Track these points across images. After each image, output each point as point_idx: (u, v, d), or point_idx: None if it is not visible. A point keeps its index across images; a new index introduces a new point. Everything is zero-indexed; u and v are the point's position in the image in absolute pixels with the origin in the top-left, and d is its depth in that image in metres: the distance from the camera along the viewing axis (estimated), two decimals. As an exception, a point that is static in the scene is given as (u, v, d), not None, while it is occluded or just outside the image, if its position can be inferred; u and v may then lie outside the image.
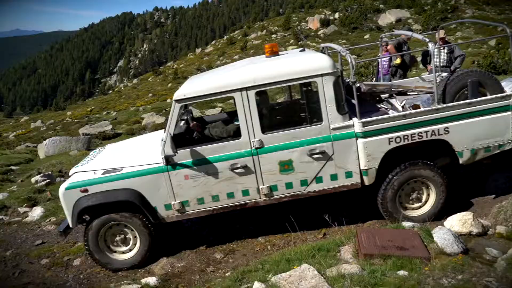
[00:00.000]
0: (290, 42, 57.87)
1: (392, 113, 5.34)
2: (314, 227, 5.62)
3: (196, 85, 5.25)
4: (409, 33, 6.72)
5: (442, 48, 8.97)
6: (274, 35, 64.66)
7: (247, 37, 68.00)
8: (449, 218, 4.74)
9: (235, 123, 5.64)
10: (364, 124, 4.96)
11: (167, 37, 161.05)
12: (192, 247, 5.69)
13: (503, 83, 5.79)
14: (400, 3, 65.65)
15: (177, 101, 5.07)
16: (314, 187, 5.19)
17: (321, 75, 4.90)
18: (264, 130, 5.04)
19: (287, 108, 6.61)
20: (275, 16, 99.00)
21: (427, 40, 5.30)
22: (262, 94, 5.37)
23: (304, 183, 5.15)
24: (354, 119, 5.03)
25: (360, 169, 5.12)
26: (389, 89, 6.41)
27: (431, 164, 5.20)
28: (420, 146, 5.21)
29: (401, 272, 3.64)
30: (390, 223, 5.16)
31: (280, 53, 5.60)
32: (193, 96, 5.10)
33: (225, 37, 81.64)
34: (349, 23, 58.84)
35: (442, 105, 5.07)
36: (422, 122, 5.01)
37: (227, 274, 4.86)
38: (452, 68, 9.02)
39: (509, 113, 5.06)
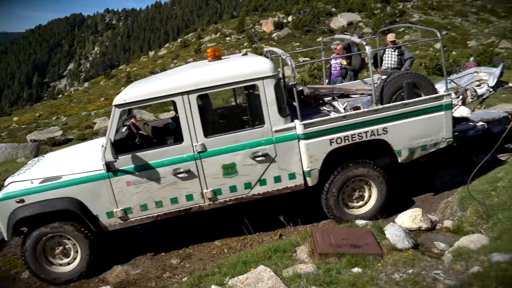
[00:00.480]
0: (244, 44, 58.14)
1: (333, 115, 5.45)
2: (270, 228, 5.64)
3: (137, 90, 5.12)
4: (347, 36, 6.90)
5: (392, 50, 9.24)
6: (228, 38, 64.76)
7: (201, 40, 67.78)
8: (400, 215, 4.89)
9: (170, 127, 5.59)
10: (306, 126, 5.00)
11: (119, 39, 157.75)
12: (148, 253, 5.58)
13: (437, 85, 6.05)
14: (351, 7, 67.39)
15: (117, 106, 4.91)
16: (258, 189, 5.17)
17: (262, 78, 4.91)
18: (207, 134, 4.98)
19: (230, 111, 6.58)
20: (229, 19, 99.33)
21: (364, 43, 5.47)
22: (204, 98, 5.34)
23: (248, 186, 5.13)
24: (296, 121, 5.05)
25: (303, 171, 5.15)
26: (332, 91, 6.53)
27: (371, 163, 5.30)
28: (361, 146, 5.31)
29: (355, 269, 3.71)
30: (336, 223, 5.29)
31: (223, 57, 5.58)
32: (133, 101, 4.96)
33: (179, 40, 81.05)
34: (302, 26, 59.82)
35: (380, 106, 5.19)
36: (362, 123, 5.11)
37: (183, 280, 4.79)
38: (402, 70, 9.31)
39: (442, 112, 5.25)
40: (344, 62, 9.25)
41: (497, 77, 6.41)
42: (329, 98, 6.49)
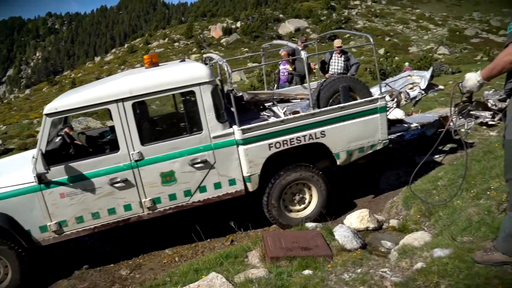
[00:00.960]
0: (193, 50, 57.80)
1: (271, 120, 5.49)
2: (221, 234, 5.61)
3: (69, 98, 4.91)
4: (284, 42, 7.03)
5: (339, 56, 9.49)
6: (176, 43, 64.12)
7: (149, 45, 66.66)
8: (348, 216, 5.02)
9: (106, 135, 5.45)
10: (244, 131, 4.99)
11: (63, 44, 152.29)
12: (96, 265, 5.39)
13: (373, 89, 6.27)
14: (298, 13, 68.66)
15: (48, 115, 4.71)
16: (198, 196, 5.12)
17: (199, 84, 4.88)
18: (144, 141, 4.88)
19: (168, 118, 6.51)
20: (177, 24, 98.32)
21: (300, 48, 5.59)
22: (140, 105, 5.19)
23: (187, 193, 5.07)
24: (234, 126, 5.04)
25: (243, 176, 5.14)
26: (272, 97, 6.61)
27: (309, 166, 5.35)
28: (301, 150, 5.36)
29: (306, 272, 3.76)
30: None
31: (160, 64, 5.48)
32: (65, 110, 4.77)
33: (126, 45, 79.26)
34: (250, 32, 60.24)
35: (317, 110, 5.26)
36: (300, 127, 5.16)
37: (134, 290, 4.68)
38: (348, 75, 9.57)
39: (377, 115, 5.39)
40: (290, 68, 9.39)
41: (427, 80, 6.70)
42: (270, 103, 6.55)
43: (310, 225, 4.97)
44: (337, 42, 9.61)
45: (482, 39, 55.52)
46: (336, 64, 9.56)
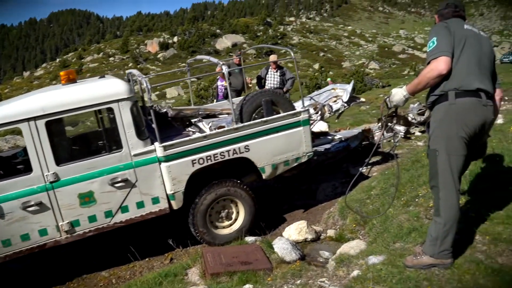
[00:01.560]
0: (129, 65, 56.69)
1: (194, 136, 5.35)
2: (160, 252, 5.47)
3: None
4: (207, 57, 6.92)
5: (275, 71, 9.68)
6: (111, 58, 62.68)
7: (83, 60, 64.65)
8: (287, 228, 5.08)
9: (19, 156, 5.13)
10: (166, 148, 4.82)
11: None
12: (25, 292, 5.06)
13: (297, 103, 6.43)
14: (235, 28, 69.56)
15: None
16: (121, 217, 4.86)
17: (117, 100, 4.66)
18: (59, 162, 4.56)
19: (85, 137, 6.22)
20: (112, 38, 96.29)
21: (221, 63, 5.57)
22: (55, 123, 4.83)
23: (108, 214, 4.80)
24: (156, 143, 4.86)
25: (166, 194, 4.96)
26: (197, 112, 6.47)
27: (235, 181, 5.25)
28: (227, 165, 5.26)
29: (246, 286, 3.75)
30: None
31: (79, 80, 5.21)
32: None
33: (58, 60, 76.24)
34: (188, 47, 60.19)
35: (240, 125, 5.17)
36: (223, 142, 5.06)
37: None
38: (284, 89, 9.79)
39: (301, 128, 5.37)
40: (225, 83, 9.46)
41: (349, 93, 6.91)
42: (197, 119, 6.48)
43: (249, 239, 4.97)
44: (272, 57, 9.80)
45: (409, 55, 59.13)
46: (272, 79, 9.74)
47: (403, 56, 58.40)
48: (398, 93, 3.08)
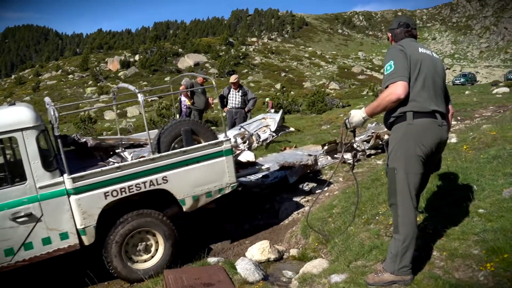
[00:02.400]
0: (89, 83, 55.68)
1: (106, 167, 5.03)
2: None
3: None
4: (126, 85, 6.54)
5: (236, 91, 9.76)
6: (71, 76, 61.33)
7: (40, 77, 62.91)
8: (250, 249, 5.05)
9: None
10: (75, 180, 4.50)
11: None
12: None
13: (231, 131, 6.40)
14: (197, 48, 69.74)
15: None
16: (23, 255, 4.45)
17: (21, 129, 4.36)
18: None
19: None
20: (71, 55, 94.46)
21: (137, 91, 5.27)
22: None
23: (9, 252, 4.39)
24: (65, 175, 4.54)
25: (76, 229, 4.61)
26: (120, 142, 6.29)
27: (153, 213, 4.96)
28: (148, 197, 5.03)
29: (209, 308, 3.69)
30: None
31: None
32: None
33: (13, 76, 73.81)
34: (149, 65, 59.74)
35: (157, 155, 4.93)
36: (139, 173, 4.80)
37: None
38: (246, 109, 9.87)
39: (223, 158, 5.21)
40: (188, 102, 9.45)
41: (277, 122, 6.88)
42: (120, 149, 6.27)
43: (212, 259, 4.91)
44: (233, 78, 9.89)
45: (367, 76, 60.97)
46: (234, 98, 9.82)
47: (362, 77, 60.13)
48: (357, 115, 3.18)
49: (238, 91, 9.80)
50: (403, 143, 2.96)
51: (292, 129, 7.68)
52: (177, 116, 11.08)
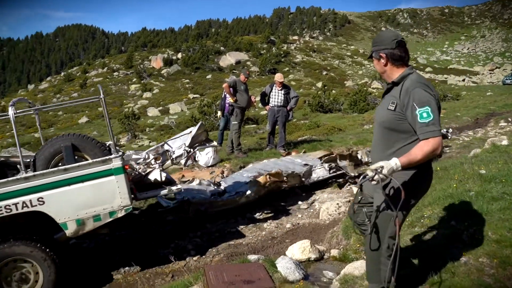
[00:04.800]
0: (133, 80, 57.06)
1: None
2: (160, 264, 5.41)
3: None
4: (24, 99, 6.08)
5: (279, 89, 9.75)
6: (116, 73, 63.09)
7: (87, 74, 65.04)
8: (290, 247, 5.01)
9: None
10: None
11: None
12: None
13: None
14: (239, 46, 70.07)
15: None
16: None
17: None
18: None
19: None
20: (117, 53, 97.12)
21: (35, 107, 4.87)
22: None
23: None
24: None
25: None
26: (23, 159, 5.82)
27: (27, 239, 4.43)
28: (29, 220, 4.60)
29: (249, 305, 3.70)
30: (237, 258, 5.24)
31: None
32: None
33: (63, 74, 76.78)
34: (191, 63, 60.54)
35: (30, 174, 4.39)
36: (8, 194, 4.27)
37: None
38: (288, 107, 9.85)
39: (112, 177, 4.57)
40: (231, 100, 9.49)
41: (191, 136, 6.15)
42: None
43: (252, 257, 4.91)
44: (280, 76, 9.89)
45: (411, 75, 59.14)
46: (277, 96, 9.80)
47: (405, 76, 58.61)
48: (389, 166, 2.62)
49: (281, 89, 9.78)
50: (410, 188, 2.77)
51: (214, 143, 6.69)
52: (219, 113, 11.20)
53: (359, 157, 7.98)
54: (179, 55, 67.45)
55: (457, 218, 4.13)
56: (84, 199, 4.51)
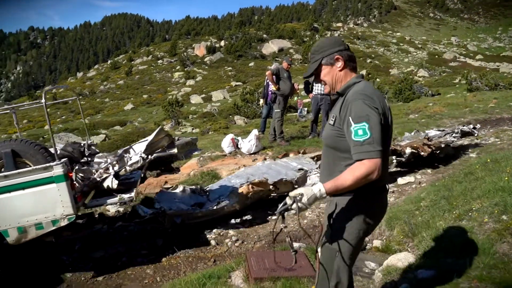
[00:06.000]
0: (177, 68, 57.95)
1: None
2: (200, 251, 5.53)
3: None
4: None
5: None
6: (160, 61, 64.26)
7: (132, 62, 66.63)
8: (332, 236, 5.01)
9: None
10: None
11: (45, 59, 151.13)
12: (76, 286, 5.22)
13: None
14: (282, 33, 69.63)
15: None
16: None
17: None
18: None
19: None
20: (161, 41, 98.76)
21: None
22: None
23: None
24: None
25: None
26: None
27: None
28: None
29: (290, 293, 3.72)
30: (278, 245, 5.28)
31: None
32: None
33: (109, 62, 79.05)
34: (234, 51, 60.77)
35: None
36: None
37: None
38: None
39: (54, 185, 4.43)
40: (274, 88, 9.45)
41: (147, 143, 5.75)
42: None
43: (294, 245, 4.93)
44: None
45: (460, 63, 57.15)
46: (320, 84, 9.68)
47: (454, 64, 56.48)
48: (311, 194, 2.22)
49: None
50: (359, 217, 2.39)
51: (175, 150, 6.21)
52: (261, 101, 11.20)
53: None
54: (222, 43, 67.84)
55: (507, 213, 3.97)
56: (25, 207, 4.43)
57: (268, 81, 10.10)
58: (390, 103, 22.11)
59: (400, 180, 6.74)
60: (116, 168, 5.42)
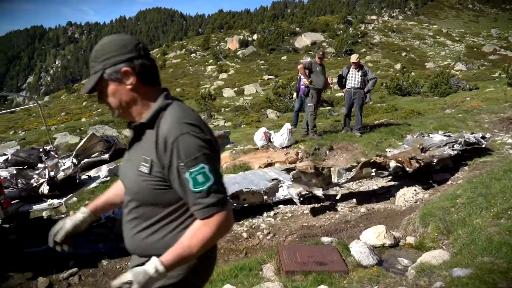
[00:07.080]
0: (210, 61, 58.30)
1: None
2: (235, 246, 5.59)
3: None
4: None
5: (356, 71, 9.52)
6: (193, 55, 64.78)
7: (166, 56, 67.40)
8: (365, 232, 4.95)
9: None
10: None
11: (82, 53, 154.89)
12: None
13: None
14: (315, 27, 68.97)
15: None
16: None
17: None
18: None
19: None
20: (194, 35, 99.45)
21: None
22: None
23: None
24: None
25: None
26: None
27: None
28: None
29: (321, 287, 3.72)
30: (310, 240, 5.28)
31: None
32: None
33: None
34: (267, 45, 60.60)
35: None
36: None
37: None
38: (365, 90, 9.60)
39: None
40: (307, 81, 9.40)
41: (76, 148, 5.66)
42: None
43: (325, 239, 4.92)
44: (354, 57, 9.64)
45: (500, 56, 55.06)
46: (354, 78, 9.59)
47: (493, 57, 54.48)
48: (143, 278, 1.55)
49: (358, 71, 9.54)
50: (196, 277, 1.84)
51: (106, 156, 5.83)
52: (294, 94, 11.16)
53: (331, 175, 6.52)
54: (255, 37, 67.75)
55: (549, 211, 3.84)
56: None
57: (300, 75, 10.06)
58: (426, 97, 21.62)
59: (435, 176, 6.62)
60: (52, 173, 5.32)
